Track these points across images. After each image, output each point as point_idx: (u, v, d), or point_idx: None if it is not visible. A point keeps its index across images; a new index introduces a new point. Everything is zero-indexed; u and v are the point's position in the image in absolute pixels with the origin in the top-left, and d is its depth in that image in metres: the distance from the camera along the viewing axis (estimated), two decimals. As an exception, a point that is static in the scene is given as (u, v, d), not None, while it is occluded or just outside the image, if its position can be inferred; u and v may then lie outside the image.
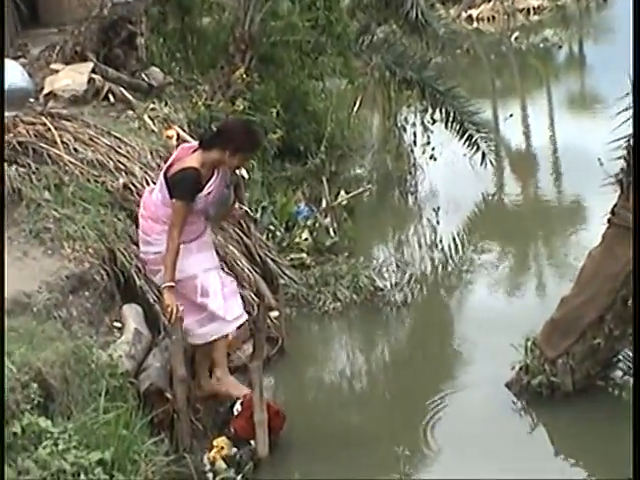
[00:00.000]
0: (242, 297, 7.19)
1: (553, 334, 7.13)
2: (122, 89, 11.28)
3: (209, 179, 6.69)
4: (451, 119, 12.26)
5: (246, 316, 6.98)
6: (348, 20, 13.19)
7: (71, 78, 11.04)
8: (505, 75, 23.26)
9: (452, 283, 9.91)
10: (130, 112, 10.92)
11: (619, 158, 7.12)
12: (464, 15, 29.47)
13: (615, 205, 7.02)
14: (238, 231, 8.62)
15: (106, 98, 11.11)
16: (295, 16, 12.30)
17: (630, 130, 6.96)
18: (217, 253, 7.26)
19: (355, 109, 13.92)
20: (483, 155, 12.47)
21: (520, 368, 7.24)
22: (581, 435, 6.95)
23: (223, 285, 6.86)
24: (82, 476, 5.10)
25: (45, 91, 10.71)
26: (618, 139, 7.13)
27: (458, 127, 12.34)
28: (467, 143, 12.47)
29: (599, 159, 7.40)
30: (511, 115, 16.00)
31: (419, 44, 13.25)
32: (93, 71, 11.25)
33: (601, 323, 6.95)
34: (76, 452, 5.21)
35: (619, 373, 7.42)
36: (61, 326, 6.50)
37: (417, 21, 12.41)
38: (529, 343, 7.28)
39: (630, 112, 6.95)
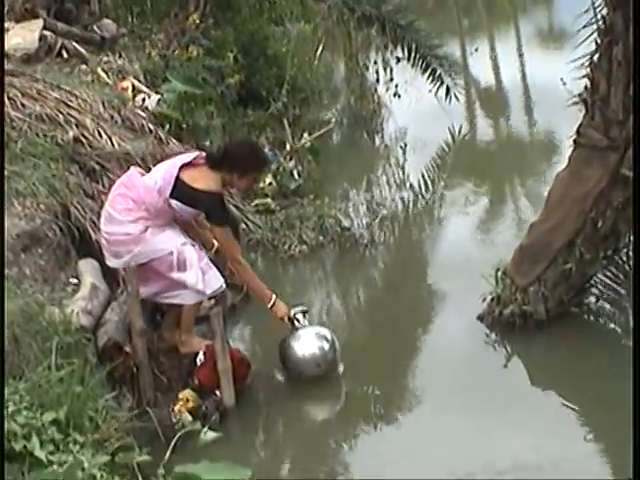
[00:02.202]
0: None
1: (523, 262, 6.93)
2: (75, 43, 11.00)
3: None
4: (413, 54, 11.92)
5: (224, 286, 6.75)
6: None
7: (22, 36, 10.72)
8: (472, 14, 22.85)
9: (422, 220, 9.68)
10: (83, 66, 10.65)
11: (582, 77, 6.89)
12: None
13: (580, 125, 6.79)
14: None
15: (59, 54, 10.82)
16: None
17: (593, 48, 6.75)
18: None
19: (317, 52, 13.59)
20: (447, 89, 12.16)
21: (492, 299, 7.04)
22: (557, 364, 6.75)
23: (200, 258, 6.61)
24: (34, 437, 4.85)
25: (-5, 51, 10.37)
26: (580, 57, 6.90)
27: (421, 62, 12.01)
28: (431, 78, 12.15)
29: (562, 79, 7.16)
30: (476, 49, 15.75)
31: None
32: (44, 28, 10.93)
33: (571, 247, 6.75)
34: (27, 413, 4.96)
35: (593, 299, 7.24)
36: (12, 285, 6.23)
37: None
38: (499, 273, 7.05)
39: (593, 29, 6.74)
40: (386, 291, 8.20)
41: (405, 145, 11.78)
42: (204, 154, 6.70)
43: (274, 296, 6.68)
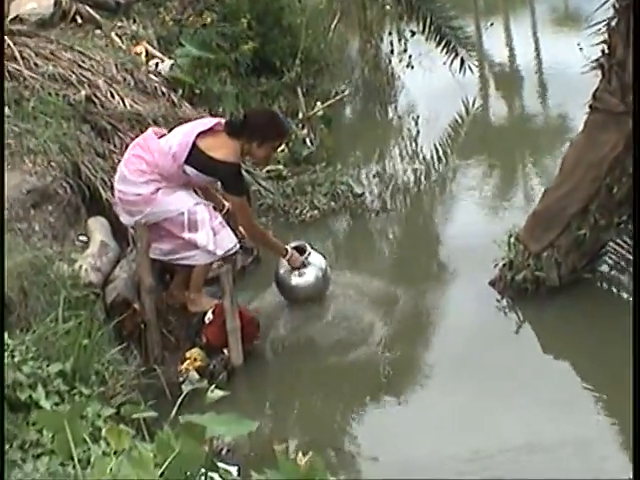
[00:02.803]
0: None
1: (536, 227, 6.85)
2: (89, 8, 10.93)
3: None
4: (428, 25, 11.77)
5: (238, 246, 6.73)
6: None
7: (37, 1, 10.65)
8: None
9: (434, 190, 9.57)
10: (97, 31, 10.59)
11: (600, 43, 6.80)
12: None
13: (597, 90, 6.70)
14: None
15: (73, 20, 10.75)
16: None
17: (610, 13, 6.66)
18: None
19: (332, 24, 13.49)
20: (462, 61, 12.02)
21: (504, 265, 6.96)
22: (569, 332, 6.70)
23: (212, 217, 6.56)
24: (40, 387, 4.82)
25: (10, 16, 10.30)
26: (597, 23, 6.81)
27: (435, 33, 11.85)
28: (445, 50, 11.99)
29: (578, 44, 7.06)
30: (492, 24, 15.57)
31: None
32: (60, -7, 10.88)
33: (586, 213, 6.67)
34: (33, 363, 4.93)
35: (606, 268, 7.16)
36: (21, 241, 6.20)
37: None
38: (512, 239, 6.98)
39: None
40: (395, 255, 8.12)
41: (418, 117, 11.65)
42: (223, 121, 6.63)
43: (289, 248, 6.83)
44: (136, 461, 3.70)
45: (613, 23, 6.64)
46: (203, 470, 4.42)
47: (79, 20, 10.76)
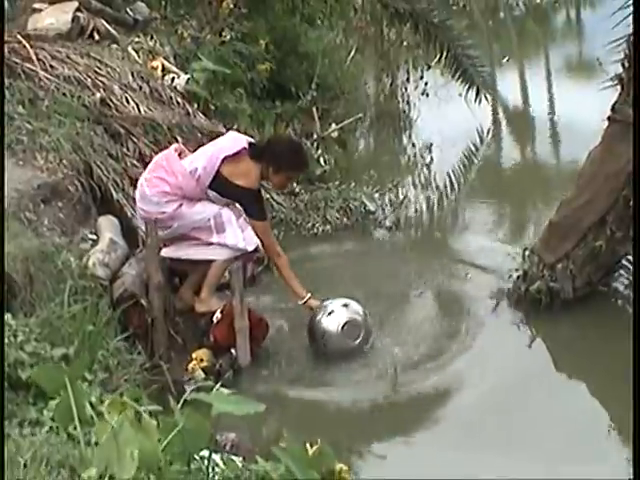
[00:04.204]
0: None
1: (552, 238, 6.77)
2: (106, 24, 10.92)
3: None
4: (445, 52, 11.76)
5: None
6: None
7: (55, 17, 10.62)
8: (503, 40, 22.71)
9: (446, 211, 9.54)
10: (114, 46, 10.57)
11: (617, 61, 6.76)
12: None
13: (615, 102, 6.65)
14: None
15: (91, 36, 10.73)
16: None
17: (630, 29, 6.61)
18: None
19: (350, 55, 13.51)
20: (478, 90, 11.99)
21: (518, 277, 6.86)
22: (581, 346, 6.58)
23: (237, 216, 6.57)
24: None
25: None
26: (617, 39, 6.78)
27: (452, 61, 11.84)
28: (462, 78, 11.97)
29: (597, 59, 7.02)
30: (508, 59, 15.57)
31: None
32: (78, 10, 10.88)
33: (602, 225, 6.60)
34: (36, 344, 4.83)
35: (622, 286, 7.04)
36: (29, 230, 6.13)
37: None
38: (526, 252, 6.89)
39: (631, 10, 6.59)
40: (407, 268, 8.00)
41: (431, 144, 11.60)
42: (247, 145, 6.58)
43: (308, 294, 6.60)
44: (138, 426, 3.59)
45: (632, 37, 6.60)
46: (207, 452, 4.31)
47: (96, 36, 10.76)
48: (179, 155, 6.63)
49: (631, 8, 6.55)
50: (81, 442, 3.34)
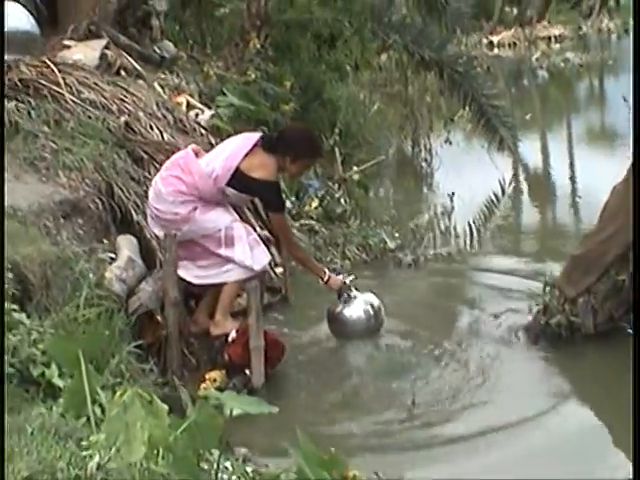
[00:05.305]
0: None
1: (574, 272, 6.68)
2: (133, 61, 11.00)
3: None
4: (469, 101, 11.80)
5: (270, 258, 6.84)
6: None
7: (83, 53, 10.72)
8: (526, 106, 22.83)
9: (466, 250, 9.48)
10: (140, 81, 10.63)
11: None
12: (485, 41, 29.18)
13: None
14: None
15: (117, 73, 10.81)
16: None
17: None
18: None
19: (373, 107, 13.57)
20: (501, 140, 12.00)
21: (538, 311, 6.78)
22: (601, 382, 6.45)
23: (248, 233, 6.55)
24: (54, 366, 4.64)
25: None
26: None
27: (476, 110, 11.88)
28: (485, 127, 12.00)
29: (623, 97, 7.00)
30: (530, 116, 15.60)
31: (439, 25, 12.84)
32: (106, 47, 10.97)
33: (625, 259, 6.50)
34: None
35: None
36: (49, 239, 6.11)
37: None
38: (547, 286, 6.81)
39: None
40: (424, 304, 7.94)
41: (453, 193, 11.57)
42: (261, 140, 6.57)
43: (327, 272, 6.85)
44: (148, 407, 3.51)
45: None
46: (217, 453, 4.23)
47: (123, 73, 10.83)
48: (196, 155, 6.60)
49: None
50: (91, 419, 3.28)
